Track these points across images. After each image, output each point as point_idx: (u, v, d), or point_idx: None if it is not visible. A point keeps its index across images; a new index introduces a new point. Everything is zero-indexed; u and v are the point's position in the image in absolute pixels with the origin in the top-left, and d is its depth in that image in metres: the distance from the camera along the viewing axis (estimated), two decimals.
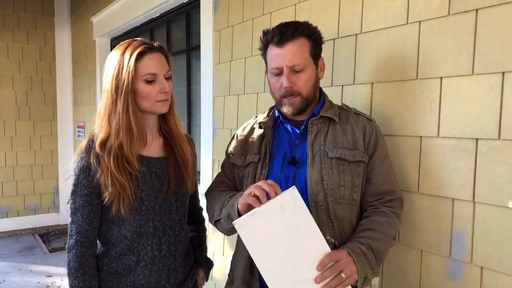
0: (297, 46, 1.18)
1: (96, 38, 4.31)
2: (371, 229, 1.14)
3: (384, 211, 1.19)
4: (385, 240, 1.14)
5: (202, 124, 2.56)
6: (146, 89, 1.20)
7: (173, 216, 1.28)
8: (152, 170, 1.25)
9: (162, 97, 1.22)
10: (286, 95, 1.22)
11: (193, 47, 2.95)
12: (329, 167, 1.19)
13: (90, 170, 1.18)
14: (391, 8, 1.42)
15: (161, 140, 1.33)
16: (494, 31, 1.16)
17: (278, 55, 1.19)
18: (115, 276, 1.24)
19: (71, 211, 1.22)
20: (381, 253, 1.13)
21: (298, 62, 1.18)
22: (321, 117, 1.25)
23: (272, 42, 1.21)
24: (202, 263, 1.45)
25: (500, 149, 1.15)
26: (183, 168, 1.31)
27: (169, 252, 1.27)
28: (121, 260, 1.23)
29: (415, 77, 1.35)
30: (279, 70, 1.20)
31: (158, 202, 1.24)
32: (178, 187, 1.29)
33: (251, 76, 2.11)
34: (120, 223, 1.22)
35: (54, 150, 5.24)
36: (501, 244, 1.16)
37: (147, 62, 1.19)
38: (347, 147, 1.21)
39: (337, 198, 1.19)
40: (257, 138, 1.32)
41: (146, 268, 1.24)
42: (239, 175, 1.33)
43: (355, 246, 1.08)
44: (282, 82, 1.20)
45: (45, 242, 4.71)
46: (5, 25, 4.82)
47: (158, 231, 1.25)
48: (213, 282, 2.43)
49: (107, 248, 1.25)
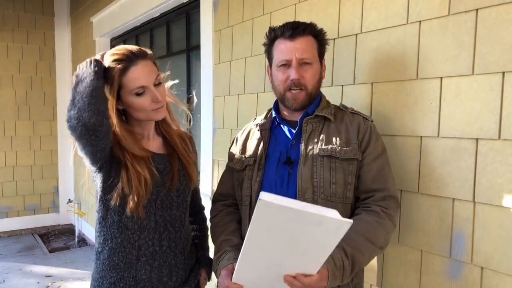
0: (307, 42, 1.23)
1: (96, 38, 4.31)
2: (360, 235, 1.12)
3: (376, 210, 1.17)
4: (370, 250, 1.13)
5: (202, 124, 2.56)
6: (138, 102, 1.19)
7: (174, 212, 1.29)
8: (154, 165, 1.24)
9: (155, 106, 1.20)
10: (292, 88, 1.23)
11: (193, 47, 2.95)
12: (320, 165, 1.20)
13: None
14: (391, 8, 1.42)
15: (159, 139, 1.33)
16: (494, 31, 1.16)
17: (288, 47, 1.22)
18: (116, 271, 1.24)
19: None
20: (361, 264, 1.13)
21: (308, 55, 1.22)
22: (316, 116, 1.26)
23: (282, 36, 1.24)
24: (204, 263, 1.45)
25: (500, 149, 1.15)
26: (187, 164, 1.32)
27: (170, 248, 1.28)
28: (122, 254, 1.23)
29: (415, 77, 1.35)
30: (288, 62, 1.22)
31: (159, 196, 1.25)
32: (181, 183, 1.30)
33: (251, 76, 2.11)
34: (121, 210, 1.21)
35: (54, 150, 5.24)
36: (501, 244, 1.16)
37: (132, 76, 1.16)
38: (340, 145, 1.21)
39: (329, 195, 1.18)
40: (254, 140, 1.33)
41: (147, 264, 1.24)
42: (238, 179, 1.33)
43: (339, 259, 1.06)
44: (290, 74, 1.22)
45: (45, 242, 4.71)
46: (5, 25, 4.82)
47: (159, 226, 1.25)
48: (213, 282, 2.43)
49: (107, 239, 1.24)
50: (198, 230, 1.50)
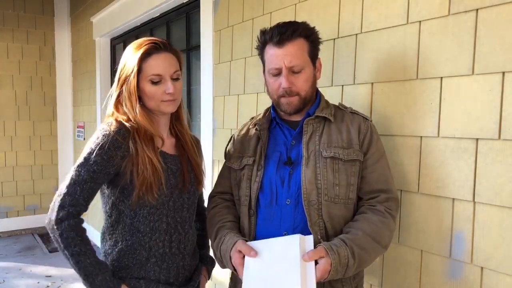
0: (296, 47, 1.19)
1: (96, 38, 4.31)
2: (367, 235, 1.13)
3: (381, 210, 1.18)
4: (375, 250, 1.15)
5: (202, 124, 2.56)
6: (151, 90, 1.21)
7: (184, 213, 1.29)
8: (168, 166, 1.25)
9: (167, 97, 1.22)
10: (284, 95, 1.22)
11: (193, 47, 2.95)
12: (324, 167, 1.19)
13: (111, 150, 1.14)
14: (391, 8, 1.42)
15: (173, 139, 1.34)
16: (494, 31, 1.16)
17: (277, 55, 1.19)
18: (125, 270, 1.24)
19: (69, 182, 1.14)
20: (366, 263, 1.15)
21: (297, 63, 1.19)
22: (316, 117, 1.25)
23: (271, 42, 1.21)
24: (206, 262, 1.46)
25: (500, 149, 1.15)
26: (196, 167, 1.33)
27: (179, 249, 1.28)
28: (132, 256, 1.23)
29: (415, 77, 1.35)
30: (278, 70, 1.20)
31: (172, 198, 1.25)
32: (191, 185, 1.31)
33: (251, 76, 2.11)
34: (133, 214, 1.21)
35: (54, 150, 5.24)
36: (501, 244, 1.16)
37: (152, 62, 1.20)
38: (342, 146, 1.21)
39: (332, 197, 1.18)
40: (253, 140, 1.33)
41: (156, 265, 1.24)
42: (236, 178, 1.33)
43: (344, 257, 1.07)
44: (281, 82, 1.20)
45: (45, 242, 4.71)
46: (5, 25, 4.82)
47: (170, 227, 1.25)
48: (213, 282, 2.43)
49: (117, 242, 1.24)
50: (200, 229, 1.50)
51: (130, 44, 1.25)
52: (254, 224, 1.24)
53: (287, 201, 1.20)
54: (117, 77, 1.23)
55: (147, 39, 1.22)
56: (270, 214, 1.22)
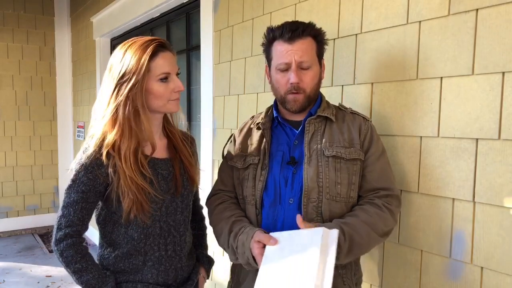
0: (306, 44, 1.22)
1: (96, 38, 4.31)
2: (359, 219, 1.14)
3: (378, 203, 1.19)
4: (369, 235, 1.14)
5: (202, 124, 2.56)
6: (160, 88, 1.19)
7: (178, 217, 1.28)
8: (158, 172, 1.24)
9: (175, 96, 1.22)
10: (292, 91, 1.22)
11: (193, 47, 2.95)
12: (326, 165, 1.20)
13: (95, 169, 1.15)
14: (391, 8, 1.42)
15: (165, 140, 1.32)
16: (494, 31, 1.16)
17: (287, 50, 1.21)
18: (123, 274, 1.24)
19: (62, 205, 1.18)
20: (361, 247, 1.13)
21: (307, 58, 1.21)
22: (318, 117, 1.26)
23: (281, 38, 1.22)
24: (203, 261, 1.45)
25: (500, 149, 1.15)
26: (190, 167, 1.31)
27: (175, 252, 1.28)
28: (128, 260, 1.23)
29: (415, 77, 1.35)
30: (287, 65, 1.21)
31: (164, 203, 1.24)
32: (185, 188, 1.29)
33: (251, 76, 2.11)
34: (127, 224, 1.22)
35: (54, 150, 5.24)
36: (501, 244, 1.16)
37: (161, 61, 1.19)
38: (344, 146, 1.22)
39: (334, 196, 1.19)
40: (256, 139, 1.33)
41: (154, 268, 1.24)
42: (239, 177, 1.33)
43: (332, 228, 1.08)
44: (289, 78, 1.21)
45: (45, 242, 4.71)
46: (5, 25, 4.82)
47: (163, 231, 1.25)
48: (213, 282, 2.43)
49: (113, 249, 1.25)
50: (197, 229, 1.50)
51: (124, 46, 1.20)
52: (260, 223, 1.25)
53: (290, 200, 1.21)
54: (115, 84, 1.17)
55: (148, 39, 1.21)
56: (274, 213, 1.23)
